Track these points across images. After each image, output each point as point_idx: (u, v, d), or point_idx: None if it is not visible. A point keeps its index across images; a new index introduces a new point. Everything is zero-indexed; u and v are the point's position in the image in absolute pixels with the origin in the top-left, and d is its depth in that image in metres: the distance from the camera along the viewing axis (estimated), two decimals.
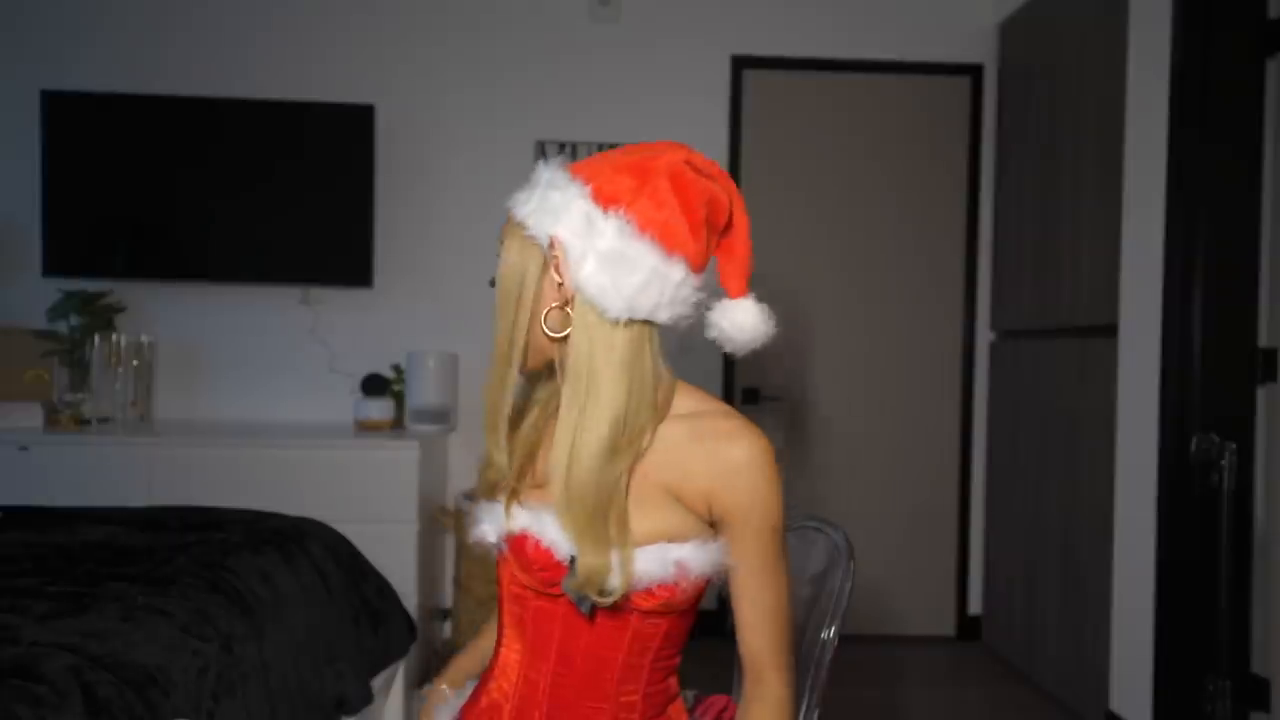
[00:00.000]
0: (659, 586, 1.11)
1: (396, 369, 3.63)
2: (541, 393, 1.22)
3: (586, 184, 1.08)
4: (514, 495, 1.16)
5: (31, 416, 3.29)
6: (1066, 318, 3.32)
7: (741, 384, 3.89)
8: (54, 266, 3.54)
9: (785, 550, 1.16)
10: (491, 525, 1.18)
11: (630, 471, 1.10)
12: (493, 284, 1.16)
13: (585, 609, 1.12)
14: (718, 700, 1.34)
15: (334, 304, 3.75)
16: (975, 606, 3.99)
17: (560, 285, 1.09)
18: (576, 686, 1.16)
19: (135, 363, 3.51)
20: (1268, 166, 2.72)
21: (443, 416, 3.46)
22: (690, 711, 1.28)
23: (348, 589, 2.14)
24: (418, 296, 3.77)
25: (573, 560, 1.09)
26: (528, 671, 1.19)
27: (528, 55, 3.83)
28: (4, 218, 3.64)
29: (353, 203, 3.61)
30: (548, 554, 1.12)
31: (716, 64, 3.89)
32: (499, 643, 1.24)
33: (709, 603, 4.83)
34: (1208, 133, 2.70)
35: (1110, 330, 3.04)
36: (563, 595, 1.12)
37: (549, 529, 1.11)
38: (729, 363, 3.86)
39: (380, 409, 3.44)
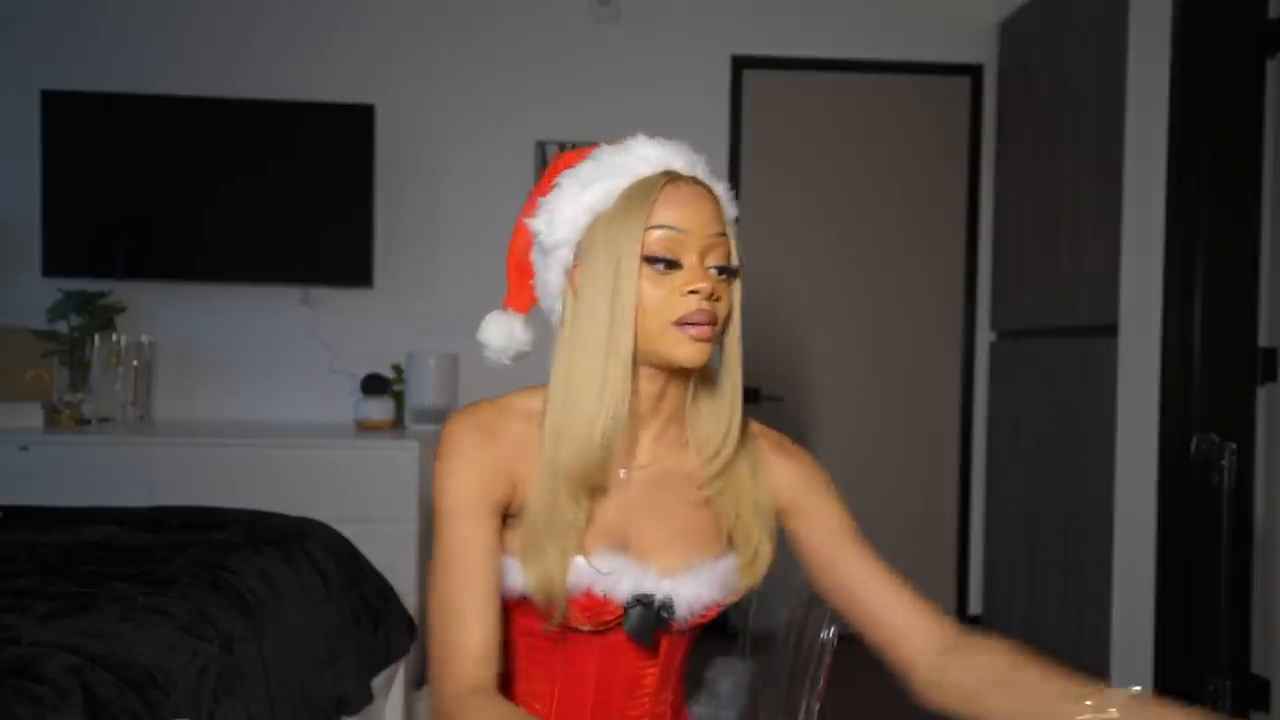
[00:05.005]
0: (712, 604, 1.11)
1: (396, 369, 3.62)
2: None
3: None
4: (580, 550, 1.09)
5: (31, 416, 3.28)
6: (1066, 318, 3.32)
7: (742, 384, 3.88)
8: (54, 266, 3.53)
9: None
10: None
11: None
12: None
13: (648, 642, 1.10)
14: None
15: (334, 304, 3.75)
16: (975, 605, 3.99)
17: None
18: (617, 703, 1.16)
19: (135, 363, 3.51)
20: (1268, 166, 2.73)
21: (443, 416, 3.46)
22: None
23: (348, 589, 2.14)
24: (418, 296, 3.76)
25: (635, 602, 1.08)
26: (565, 697, 1.16)
27: (528, 55, 3.82)
28: (4, 218, 3.64)
29: (353, 203, 3.61)
30: (604, 600, 1.10)
31: (716, 64, 3.88)
32: (511, 678, 1.18)
33: None
34: (1208, 133, 2.70)
35: (1110, 330, 3.04)
36: (609, 631, 1.11)
37: (621, 581, 1.08)
38: None
39: (380, 409, 3.44)
